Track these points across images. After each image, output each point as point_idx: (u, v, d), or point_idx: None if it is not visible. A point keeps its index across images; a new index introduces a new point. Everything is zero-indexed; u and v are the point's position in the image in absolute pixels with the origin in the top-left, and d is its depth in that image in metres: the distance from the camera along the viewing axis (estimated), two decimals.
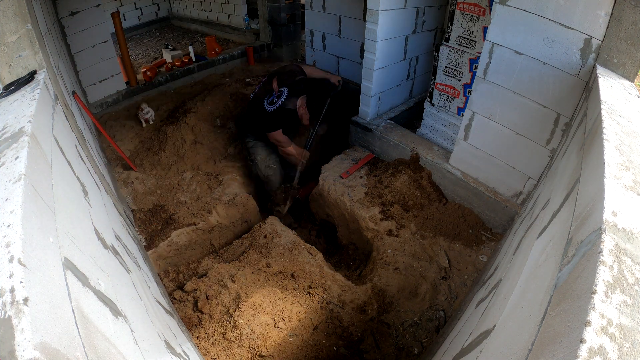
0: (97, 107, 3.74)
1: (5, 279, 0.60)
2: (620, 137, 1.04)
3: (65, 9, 3.21)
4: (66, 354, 0.61)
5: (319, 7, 4.07)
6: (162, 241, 2.49)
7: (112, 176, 2.85)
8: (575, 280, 0.71)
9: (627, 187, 0.85)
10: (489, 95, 2.31)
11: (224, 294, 2.07)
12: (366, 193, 2.90)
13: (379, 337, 2.00)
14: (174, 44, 6.65)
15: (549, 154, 2.14)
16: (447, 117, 3.18)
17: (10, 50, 1.48)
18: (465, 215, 2.70)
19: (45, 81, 1.47)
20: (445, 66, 3.03)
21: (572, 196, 1.05)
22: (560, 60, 1.88)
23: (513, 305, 0.99)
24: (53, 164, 1.09)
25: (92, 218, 1.24)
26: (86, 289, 0.85)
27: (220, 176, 3.09)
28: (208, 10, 7.16)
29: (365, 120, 3.39)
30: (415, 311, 2.13)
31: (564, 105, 1.96)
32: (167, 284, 2.31)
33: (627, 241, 0.71)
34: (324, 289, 2.23)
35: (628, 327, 0.59)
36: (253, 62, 5.30)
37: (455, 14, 2.80)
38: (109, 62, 3.76)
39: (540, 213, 1.40)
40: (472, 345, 1.16)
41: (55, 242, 0.81)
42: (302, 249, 2.49)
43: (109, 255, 1.22)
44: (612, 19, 1.63)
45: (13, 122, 1.05)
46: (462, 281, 2.29)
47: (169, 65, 4.81)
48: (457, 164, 2.77)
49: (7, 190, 0.77)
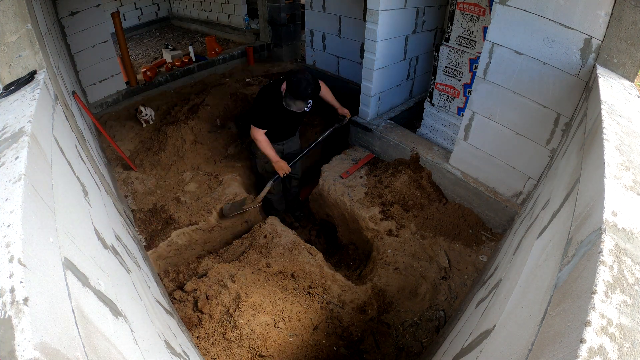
0: (97, 107, 3.74)
1: (5, 279, 0.60)
2: (620, 137, 1.04)
3: (65, 9, 3.21)
4: (66, 354, 0.61)
5: (319, 7, 4.07)
6: (162, 241, 2.49)
7: (112, 176, 2.85)
8: (575, 280, 0.71)
9: (627, 187, 0.85)
10: (489, 95, 2.31)
11: (224, 294, 2.07)
12: (366, 193, 2.90)
13: (379, 337, 2.00)
14: (174, 44, 6.65)
15: (549, 154, 2.14)
16: (447, 117, 3.18)
17: (10, 50, 1.48)
18: (465, 215, 2.70)
19: (45, 81, 1.47)
20: (445, 66, 3.03)
21: (572, 196, 1.05)
22: (560, 60, 1.88)
23: (513, 305, 0.99)
24: (53, 164, 1.09)
25: (92, 218, 1.24)
26: (86, 289, 0.84)
27: (220, 176, 3.09)
28: (208, 10, 7.16)
29: (365, 120, 3.39)
30: (415, 311, 2.13)
31: (564, 105, 1.96)
32: (167, 284, 2.31)
33: (627, 241, 0.71)
34: (324, 289, 2.23)
35: (628, 327, 0.59)
36: (253, 62, 5.30)
37: (455, 14, 2.81)
38: (109, 62, 3.76)
39: (540, 213, 1.40)
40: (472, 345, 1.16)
41: (55, 242, 0.81)
42: (302, 249, 2.49)
43: (109, 255, 1.22)
44: (612, 19, 1.63)
45: (13, 122, 1.05)
46: (462, 281, 2.29)
47: (169, 65, 4.81)
48: (457, 164, 2.77)
49: (7, 190, 0.77)
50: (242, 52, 5.27)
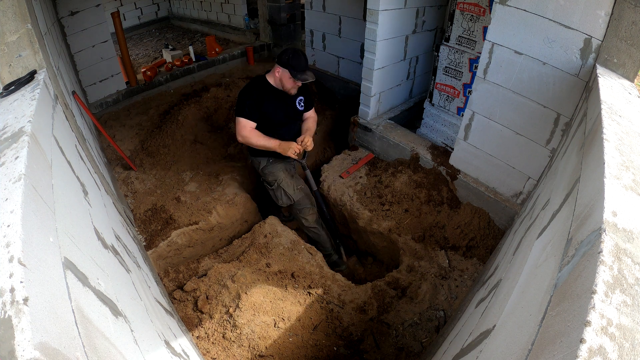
0: (97, 107, 3.74)
1: (5, 279, 0.60)
2: (620, 137, 1.04)
3: (65, 9, 3.21)
4: (66, 353, 0.61)
5: (319, 7, 4.07)
6: (162, 241, 2.49)
7: (112, 176, 2.84)
8: (575, 280, 0.71)
9: (627, 187, 0.84)
10: (489, 95, 2.31)
11: (224, 293, 2.07)
12: (366, 193, 2.90)
13: (379, 337, 2.00)
14: (174, 43, 6.64)
15: (549, 154, 2.14)
16: (447, 117, 3.18)
17: (10, 50, 1.48)
18: None
19: (45, 81, 1.47)
20: (445, 66, 3.03)
21: (572, 196, 1.04)
22: (560, 60, 1.88)
23: (513, 305, 0.99)
24: (53, 164, 1.09)
25: (92, 218, 1.24)
26: (86, 289, 0.84)
27: (220, 176, 3.09)
28: (208, 10, 7.16)
29: (365, 120, 3.39)
30: (415, 311, 2.13)
31: (564, 105, 1.96)
32: (167, 284, 2.31)
33: (627, 241, 0.71)
34: (324, 289, 2.23)
35: (628, 327, 0.59)
36: (253, 62, 5.30)
37: (455, 14, 2.81)
38: (109, 62, 3.76)
39: (540, 213, 1.40)
40: (472, 345, 1.16)
41: (55, 242, 0.81)
42: (302, 249, 2.49)
43: (109, 255, 1.22)
44: (612, 19, 1.63)
45: (13, 122, 1.05)
46: (462, 281, 2.29)
47: (169, 65, 4.81)
48: (457, 164, 2.77)
49: (7, 190, 0.77)
50: (242, 52, 5.27)
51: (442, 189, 2.78)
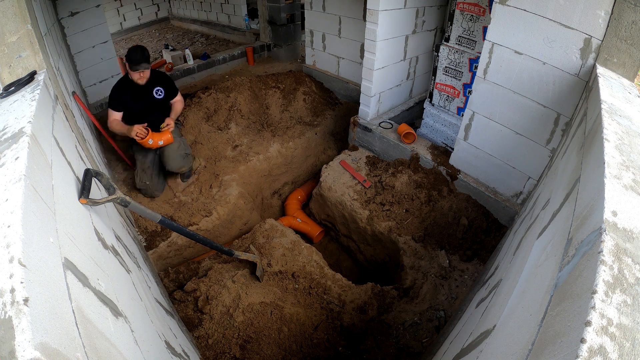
0: (97, 107, 3.74)
1: (5, 280, 0.60)
2: (620, 136, 1.04)
3: (65, 10, 3.21)
4: (66, 354, 0.61)
5: (319, 7, 4.07)
6: (162, 241, 2.49)
7: (112, 176, 2.84)
8: (575, 280, 0.71)
9: (627, 186, 0.84)
10: (489, 95, 2.31)
11: (224, 294, 2.07)
12: (366, 193, 2.90)
13: (379, 337, 2.00)
14: (173, 44, 6.65)
15: (549, 153, 2.14)
16: (447, 117, 3.18)
17: (10, 50, 1.48)
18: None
19: (45, 82, 1.47)
20: (445, 66, 3.03)
21: (572, 196, 1.04)
22: (560, 60, 1.88)
23: (513, 305, 0.99)
24: (53, 165, 1.09)
25: (92, 218, 1.24)
26: (86, 289, 0.84)
27: (220, 176, 3.09)
28: (208, 10, 7.17)
29: (366, 120, 3.39)
30: (415, 311, 2.13)
31: (564, 105, 1.96)
32: (167, 284, 2.31)
33: (627, 241, 0.71)
34: (324, 289, 2.23)
35: (628, 327, 0.59)
36: (253, 62, 5.30)
37: (455, 14, 2.80)
38: (109, 63, 3.76)
39: (541, 213, 1.40)
40: (472, 345, 1.16)
41: (55, 243, 0.81)
42: (302, 249, 2.49)
43: (109, 256, 1.22)
44: (612, 19, 1.62)
45: (13, 123, 1.05)
46: (463, 281, 2.28)
47: (169, 65, 4.81)
48: (457, 164, 2.77)
49: (7, 190, 0.77)
50: (242, 53, 5.27)
51: (442, 189, 2.78)
